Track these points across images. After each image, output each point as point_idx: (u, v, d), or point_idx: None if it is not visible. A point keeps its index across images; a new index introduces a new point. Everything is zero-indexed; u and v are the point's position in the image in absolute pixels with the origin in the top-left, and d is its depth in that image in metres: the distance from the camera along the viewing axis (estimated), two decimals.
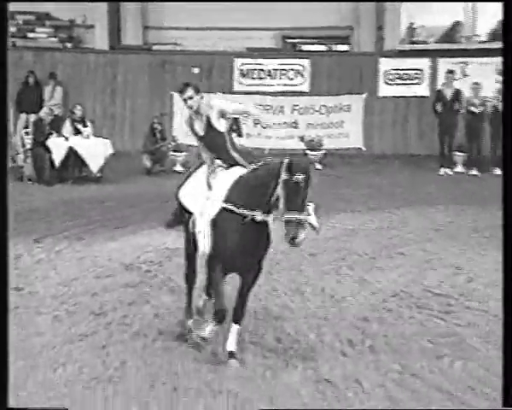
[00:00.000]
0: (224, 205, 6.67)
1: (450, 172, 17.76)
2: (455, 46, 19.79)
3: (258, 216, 6.58)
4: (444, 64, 19.31)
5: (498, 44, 19.49)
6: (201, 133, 7.19)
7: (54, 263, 10.09)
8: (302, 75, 20.14)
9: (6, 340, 4.56)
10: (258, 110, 17.56)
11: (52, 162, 16.06)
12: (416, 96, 19.51)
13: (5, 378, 4.55)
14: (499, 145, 17.82)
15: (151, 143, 17.66)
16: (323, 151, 18.35)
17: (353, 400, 6.20)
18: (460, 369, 6.82)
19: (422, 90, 19.59)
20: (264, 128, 19.81)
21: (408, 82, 19.68)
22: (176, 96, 19.90)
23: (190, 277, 7.63)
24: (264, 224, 6.67)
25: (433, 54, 19.63)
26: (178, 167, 17.83)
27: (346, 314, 8.01)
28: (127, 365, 6.85)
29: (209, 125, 7.14)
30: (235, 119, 20.17)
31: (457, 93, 18.04)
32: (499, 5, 19.31)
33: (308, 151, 18.40)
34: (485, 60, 19.11)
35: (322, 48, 21.91)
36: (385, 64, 19.75)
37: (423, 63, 19.69)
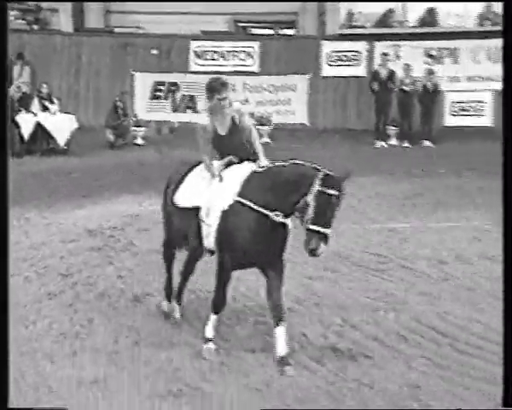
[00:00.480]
0: (240, 199, 5.93)
1: (385, 145, 17.90)
2: (389, 31, 19.89)
3: (279, 218, 5.84)
4: (379, 47, 19.36)
5: (426, 29, 19.75)
6: (223, 133, 6.33)
7: (24, 229, 9.95)
8: (252, 57, 20.05)
9: (6, 340, 4.46)
10: None
11: (21, 136, 15.87)
12: (354, 77, 19.56)
13: (5, 378, 4.43)
14: (427, 120, 18.08)
15: (113, 119, 17.63)
16: (272, 126, 18.37)
17: (298, 350, 6.24)
18: (393, 320, 6.91)
19: (360, 70, 19.63)
20: None
21: (347, 63, 19.70)
22: (137, 75, 19.73)
23: (188, 269, 6.89)
24: (278, 223, 5.92)
25: (370, 38, 19.68)
26: (139, 141, 17.95)
27: (294, 274, 8.05)
28: (93, 322, 6.80)
29: (234, 125, 6.33)
30: (191, 96, 20.20)
31: (391, 73, 18.14)
32: None
33: (258, 126, 18.42)
34: (415, 43, 19.30)
35: (271, 32, 21.83)
36: (327, 47, 19.73)
37: (361, 46, 19.72)
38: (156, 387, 5.53)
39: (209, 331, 6.25)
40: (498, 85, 18.91)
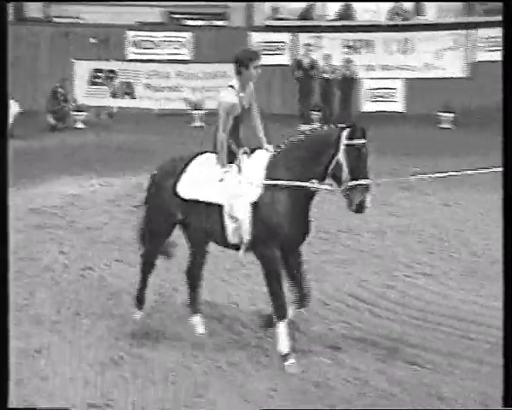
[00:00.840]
0: (272, 182, 5.29)
1: (307, 128, 17.99)
2: (311, 23, 20.00)
3: (316, 184, 5.28)
4: (302, 38, 19.45)
5: (344, 22, 19.94)
6: (247, 106, 5.62)
7: None
8: (185, 46, 19.89)
9: (6, 340, 4.25)
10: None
11: None
12: (279, 65, 19.58)
13: (5, 378, 4.20)
14: (346, 106, 18.27)
15: (52, 104, 17.38)
16: (204, 111, 18.27)
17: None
18: (315, 288, 6.97)
19: (285, 59, 19.68)
20: (154, 92, 19.63)
21: (273, 53, 19.71)
22: (77, 63, 19.29)
23: (194, 271, 5.98)
24: (310, 198, 5.37)
25: (294, 29, 19.75)
26: (79, 125, 17.65)
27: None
28: (36, 294, 6.66)
29: (252, 97, 5.71)
30: (128, 83, 19.90)
31: (313, 62, 18.25)
32: None
33: (191, 111, 18.41)
34: (334, 35, 19.48)
35: (203, 23, 21.64)
36: (254, 37, 19.70)
37: (285, 37, 19.77)
38: (98, 355, 5.46)
39: (285, 345, 5.31)
40: (409, 74, 19.31)
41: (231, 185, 5.37)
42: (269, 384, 5.05)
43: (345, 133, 5.20)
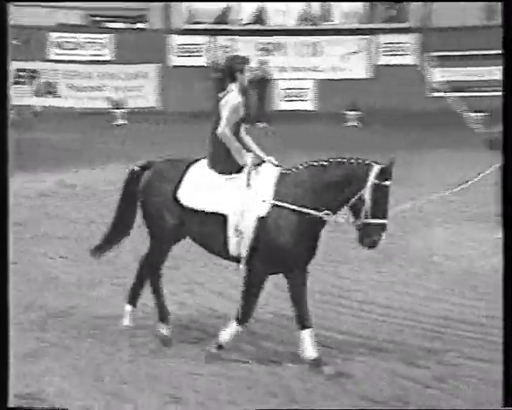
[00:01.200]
0: (280, 203, 5.05)
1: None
2: (227, 27, 20.01)
3: (329, 217, 5.08)
4: (219, 41, 19.44)
5: (258, 27, 20.07)
6: (244, 111, 5.40)
7: None
8: (106, 47, 19.51)
9: (6, 340, 4.12)
10: None
11: None
12: (198, 66, 19.51)
13: (5, 378, 4.07)
14: (262, 105, 18.40)
15: None
16: (126, 110, 18.02)
17: None
18: None
19: (203, 61, 19.61)
20: (76, 91, 19.20)
21: (191, 54, 19.61)
22: None
23: (159, 272, 5.56)
24: (321, 225, 5.16)
25: (211, 32, 19.71)
26: None
27: None
28: None
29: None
30: (51, 82, 19.34)
31: None
32: None
33: (113, 110, 18.10)
34: (248, 38, 19.56)
35: (124, 25, 21.29)
36: (174, 39, 19.55)
37: (203, 40, 19.70)
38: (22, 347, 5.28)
39: (312, 351, 5.06)
40: (318, 75, 19.63)
41: (239, 198, 5.10)
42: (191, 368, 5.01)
43: (374, 172, 4.98)
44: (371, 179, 4.99)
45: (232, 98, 5.27)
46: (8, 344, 4.13)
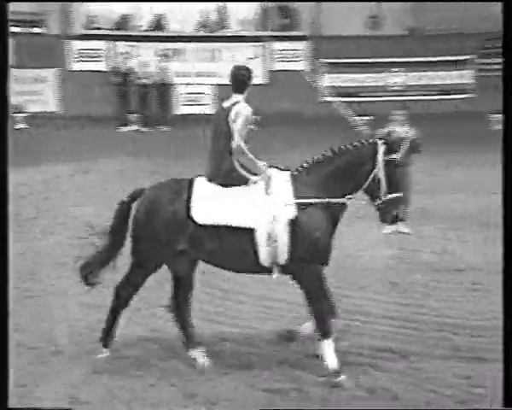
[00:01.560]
0: (307, 200, 4.96)
1: (125, 130, 17.93)
2: (127, 33, 19.99)
3: (349, 200, 5.07)
4: (119, 46, 19.38)
5: (159, 33, 20.17)
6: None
7: None
8: None
9: (6, 340, 4.01)
10: None
11: None
12: (98, 71, 19.35)
13: (5, 378, 3.97)
14: (162, 109, 18.50)
15: None
16: (26, 114, 17.67)
17: None
18: None
19: (103, 66, 19.47)
20: None
21: (91, 59, 19.44)
22: None
23: (182, 306, 5.33)
24: (341, 213, 5.13)
25: (111, 38, 19.61)
26: None
27: None
28: None
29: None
30: None
31: (130, 69, 18.36)
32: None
33: (13, 114, 17.67)
34: (148, 44, 19.63)
35: (23, 30, 20.69)
36: (73, 44, 19.31)
37: (103, 45, 19.57)
38: None
39: (334, 361, 4.92)
40: (217, 80, 19.97)
41: (262, 207, 4.94)
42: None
43: (381, 149, 5.00)
44: (381, 157, 4.98)
45: (243, 110, 5.13)
46: (7, 344, 4.08)
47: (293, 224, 4.93)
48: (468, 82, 27.99)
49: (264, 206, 4.94)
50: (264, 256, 4.93)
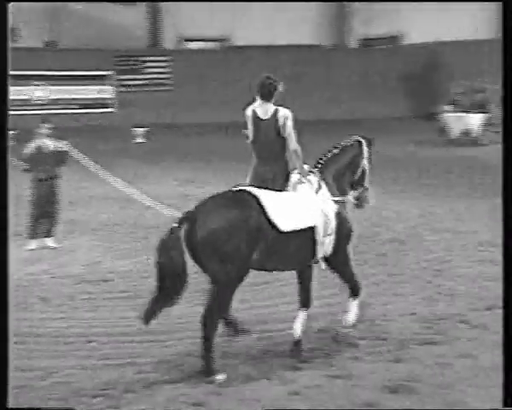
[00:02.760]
0: (344, 197, 5.67)
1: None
2: None
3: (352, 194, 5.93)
4: None
5: None
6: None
7: None
8: None
9: (6, 339, 3.92)
10: None
11: None
12: None
13: (5, 378, 3.87)
14: None
15: None
16: None
17: None
18: None
19: None
20: None
21: None
22: None
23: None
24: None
25: None
26: None
27: None
28: None
29: None
30: None
31: None
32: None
33: None
34: None
35: None
36: None
37: None
38: None
39: (354, 317, 5.78)
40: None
41: (317, 205, 5.35)
42: None
43: (365, 144, 5.76)
44: (366, 151, 5.78)
45: (288, 113, 5.52)
46: (7, 344, 3.96)
47: (337, 217, 5.51)
48: (108, 97, 28.79)
49: (318, 204, 5.38)
50: (321, 250, 5.39)
